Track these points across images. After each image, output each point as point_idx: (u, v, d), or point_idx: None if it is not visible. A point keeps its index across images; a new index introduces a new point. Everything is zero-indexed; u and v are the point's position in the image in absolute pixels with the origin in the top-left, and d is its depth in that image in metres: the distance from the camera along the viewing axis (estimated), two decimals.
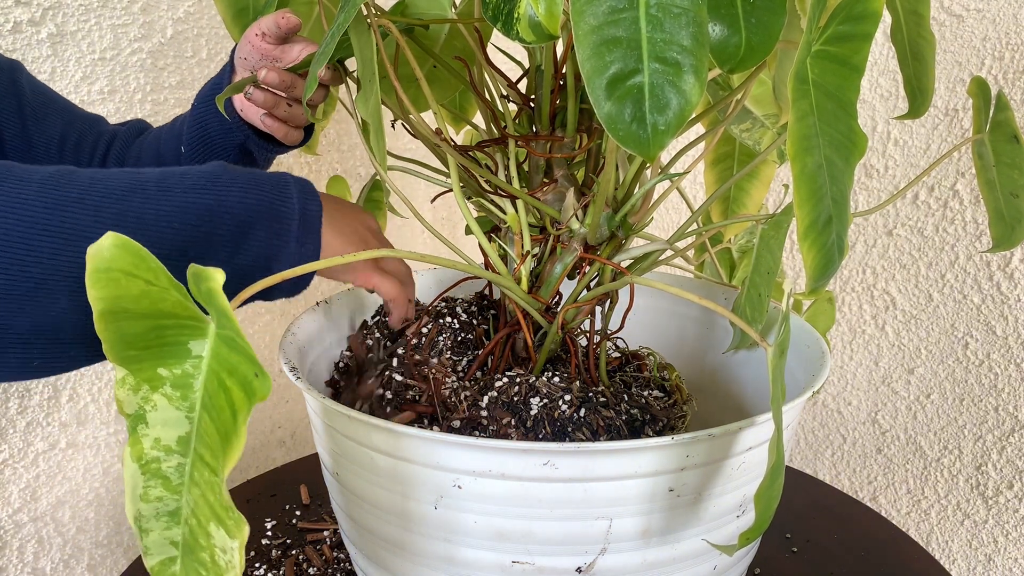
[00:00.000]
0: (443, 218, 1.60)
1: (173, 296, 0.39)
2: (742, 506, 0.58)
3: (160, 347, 0.40)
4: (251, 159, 0.77)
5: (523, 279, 0.63)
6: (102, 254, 0.38)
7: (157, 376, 0.40)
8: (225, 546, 0.39)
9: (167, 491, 0.40)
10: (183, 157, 0.75)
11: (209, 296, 0.39)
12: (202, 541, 0.39)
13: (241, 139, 0.74)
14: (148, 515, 0.40)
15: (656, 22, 0.39)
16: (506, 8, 0.43)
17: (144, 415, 0.40)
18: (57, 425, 1.04)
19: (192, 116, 0.75)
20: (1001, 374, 1.08)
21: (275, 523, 0.88)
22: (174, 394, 0.40)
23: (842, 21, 0.45)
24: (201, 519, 0.39)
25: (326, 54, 0.52)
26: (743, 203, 0.86)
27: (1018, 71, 1.00)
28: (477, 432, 0.59)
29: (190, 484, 0.40)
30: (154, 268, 0.39)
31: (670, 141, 0.40)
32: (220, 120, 0.74)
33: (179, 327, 0.40)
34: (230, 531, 0.38)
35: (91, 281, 0.38)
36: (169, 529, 0.40)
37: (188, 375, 0.40)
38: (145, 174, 0.53)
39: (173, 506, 0.40)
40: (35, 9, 0.93)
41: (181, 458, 0.40)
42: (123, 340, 0.39)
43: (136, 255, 0.38)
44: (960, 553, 1.17)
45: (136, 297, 0.39)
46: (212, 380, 0.40)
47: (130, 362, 0.40)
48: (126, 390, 0.40)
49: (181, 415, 0.40)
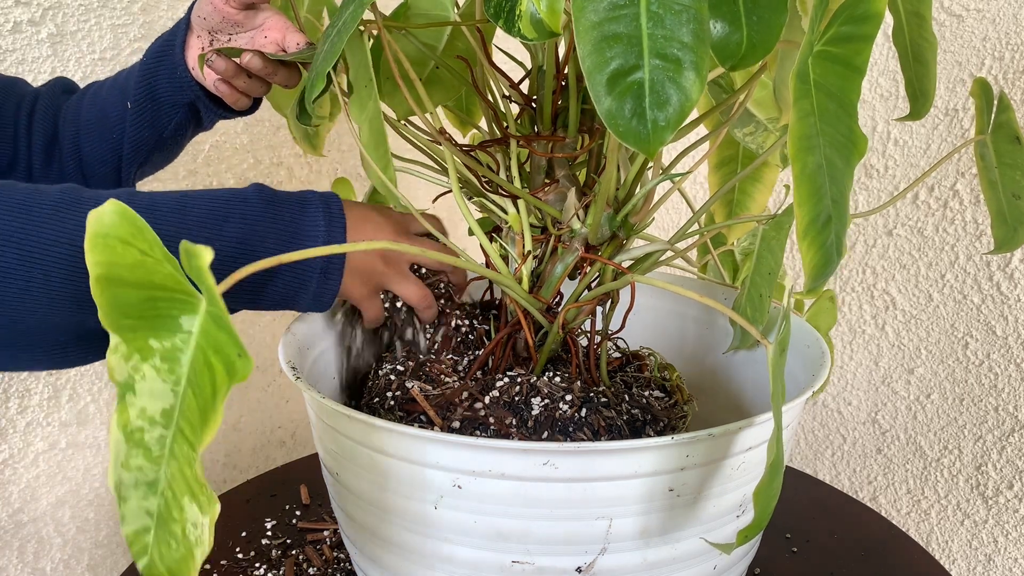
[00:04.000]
0: (444, 218, 1.60)
1: (166, 269, 0.39)
2: (742, 506, 0.58)
3: (153, 318, 0.41)
4: (198, 118, 0.75)
5: (524, 279, 0.63)
6: (102, 219, 0.38)
7: (148, 347, 0.41)
8: (196, 521, 0.39)
9: (147, 461, 0.41)
10: (128, 112, 0.73)
11: (198, 274, 0.39)
12: (175, 514, 0.40)
13: (190, 98, 0.72)
14: (128, 483, 0.41)
15: (657, 18, 0.39)
16: (507, 6, 0.43)
17: (133, 384, 0.41)
18: (57, 425, 1.04)
19: (140, 71, 0.73)
20: (1001, 374, 1.08)
21: (275, 523, 0.88)
22: (163, 366, 0.41)
23: (844, 22, 0.45)
24: (176, 492, 0.40)
25: (333, 53, 0.51)
26: (746, 206, 0.86)
27: (1018, 71, 1.00)
28: (478, 432, 0.59)
29: (169, 457, 0.40)
30: (149, 240, 0.39)
31: (670, 137, 0.40)
32: (169, 77, 0.72)
33: (171, 300, 0.40)
34: (202, 507, 0.39)
35: (90, 245, 0.39)
36: (146, 499, 0.41)
37: (177, 349, 0.41)
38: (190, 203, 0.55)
39: (152, 476, 0.41)
40: (35, 9, 0.93)
41: (163, 430, 0.41)
42: (118, 307, 0.40)
43: (133, 224, 0.39)
44: (960, 553, 1.17)
45: (131, 266, 0.39)
46: (199, 356, 0.40)
47: (124, 330, 0.40)
48: (118, 357, 0.41)
49: (167, 388, 0.41)
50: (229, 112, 0.74)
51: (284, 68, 0.69)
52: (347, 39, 0.51)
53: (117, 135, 0.74)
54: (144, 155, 0.75)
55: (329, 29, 0.54)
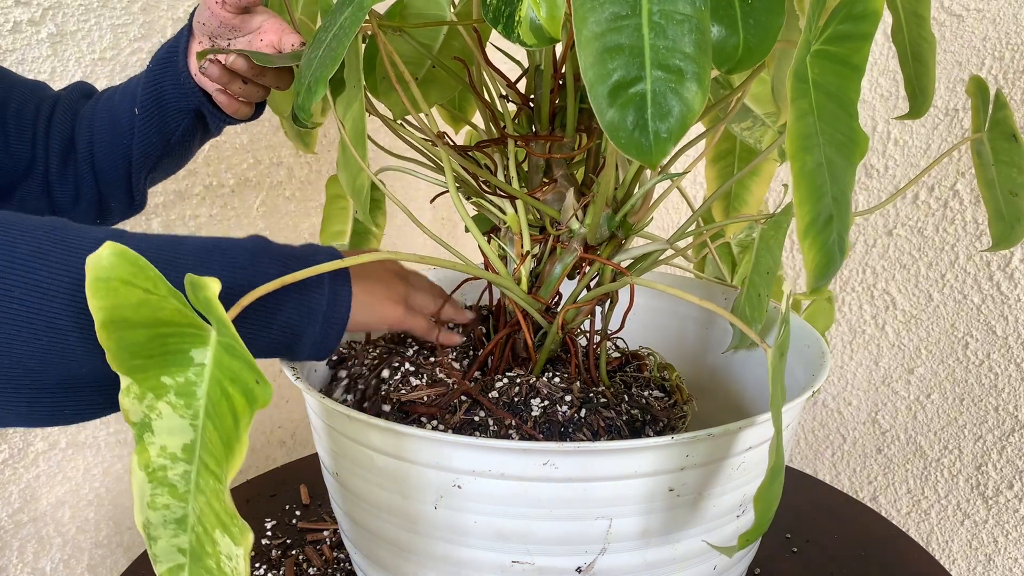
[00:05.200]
0: (443, 218, 1.60)
1: (172, 304, 0.39)
2: (742, 506, 0.58)
3: (163, 355, 0.40)
4: (204, 124, 0.76)
5: (523, 279, 0.63)
6: (101, 263, 0.38)
7: (161, 384, 0.40)
8: (231, 553, 0.39)
9: (174, 499, 0.40)
10: (136, 119, 0.74)
11: (207, 305, 0.39)
12: (208, 548, 0.39)
13: (195, 104, 0.73)
14: (156, 523, 0.40)
15: (659, 29, 0.39)
16: (507, 11, 0.42)
17: (150, 423, 0.40)
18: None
19: (147, 78, 0.74)
20: (1001, 374, 1.08)
21: (275, 523, 0.88)
22: (178, 402, 0.40)
23: (842, 21, 0.45)
24: (207, 526, 0.39)
25: (334, 59, 0.50)
26: (744, 200, 0.86)
27: (1018, 71, 1.00)
28: (477, 432, 0.59)
29: (196, 492, 0.40)
30: (152, 277, 0.39)
31: (673, 149, 0.40)
32: (175, 83, 0.73)
33: (180, 335, 0.40)
34: (235, 538, 0.39)
35: (91, 290, 0.38)
36: (177, 536, 0.40)
37: (191, 383, 0.41)
38: (185, 246, 0.52)
39: (180, 513, 0.40)
40: (35, 9, 0.93)
41: (187, 466, 0.40)
42: (126, 349, 0.40)
43: (134, 264, 0.38)
44: (960, 553, 1.17)
45: (135, 306, 0.39)
46: (215, 388, 0.40)
47: (134, 371, 0.40)
48: (131, 399, 0.40)
49: (186, 423, 0.40)
50: (234, 119, 0.75)
51: (273, 69, 0.69)
52: (348, 44, 0.50)
53: (127, 141, 0.75)
54: (153, 161, 0.76)
55: (321, 33, 0.53)
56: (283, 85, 0.71)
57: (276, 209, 1.24)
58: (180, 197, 1.10)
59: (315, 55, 0.52)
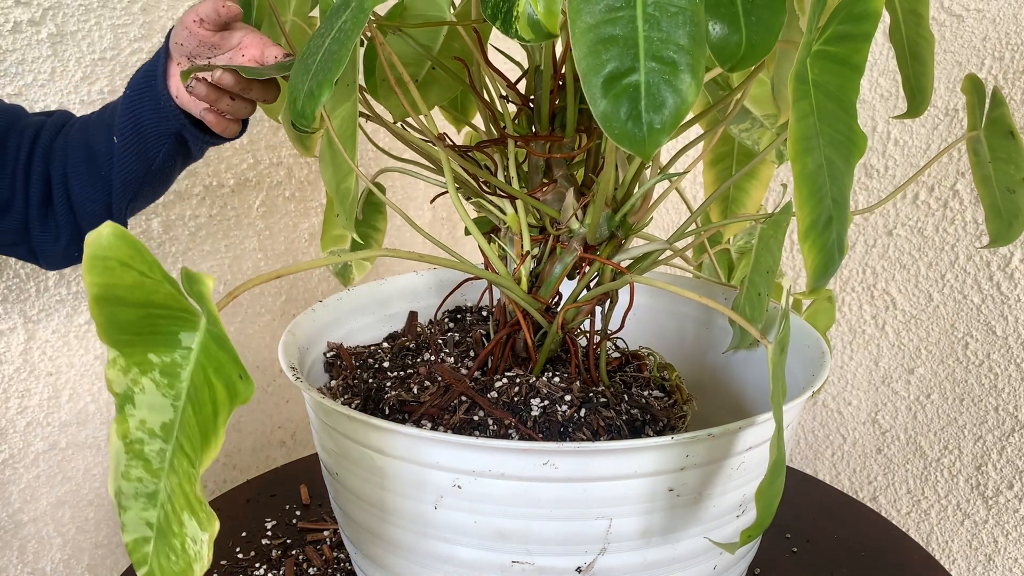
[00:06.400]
0: (443, 218, 1.60)
1: (166, 289, 0.40)
2: (742, 506, 0.58)
3: (152, 334, 0.41)
4: (186, 148, 0.74)
5: (523, 279, 0.63)
6: (100, 242, 0.39)
7: (147, 361, 0.41)
8: (196, 536, 0.40)
9: (147, 473, 0.41)
10: (116, 147, 0.72)
11: (200, 299, 0.39)
12: (175, 528, 0.40)
13: (176, 127, 0.71)
14: (128, 493, 0.41)
15: (653, 21, 0.39)
16: (505, 6, 0.43)
17: (132, 396, 0.41)
18: (57, 425, 1.04)
19: (124, 105, 0.72)
20: (1001, 374, 1.08)
21: (275, 523, 0.88)
22: (162, 380, 0.41)
23: (842, 21, 0.45)
24: (176, 506, 0.40)
25: (339, 61, 0.49)
26: (742, 202, 0.86)
27: (1018, 71, 1.00)
28: (477, 432, 0.59)
29: (169, 471, 0.41)
30: (149, 261, 0.39)
31: (666, 140, 0.40)
32: (153, 108, 0.71)
33: (171, 318, 0.41)
34: (202, 523, 0.40)
35: (87, 267, 0.39)
36: (146, 510, 0.41)
37: (177, 364, 0.41)
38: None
39: (151, 488, 0.41)
40: (35, 9, 0.93)
41: (163, 444, 0.41)
42: (115, 324, 0.40)
43: (133, 247, 0.39)
44: (960, 553, 1.17)
45: (130, 287, 0.39)
46: (199, 373, 0.41)
47: (121, 345, 0.41)
48: (116, 370, 0.41)
49: (167, 402, 0.41)
50: (217, 139, 0.73)
51: (259, 83, 0.67)
52: (351, 47, 0.49)
53: (106, 171, 0.73)
54: (134, 189, 0.74)
55: (318, 38, 0.52)
56: (270, 98, 0.69)
57: (276, 209, 1.24)
58: (180, 197, 1.10)
59: (313, 60, 0.52)
